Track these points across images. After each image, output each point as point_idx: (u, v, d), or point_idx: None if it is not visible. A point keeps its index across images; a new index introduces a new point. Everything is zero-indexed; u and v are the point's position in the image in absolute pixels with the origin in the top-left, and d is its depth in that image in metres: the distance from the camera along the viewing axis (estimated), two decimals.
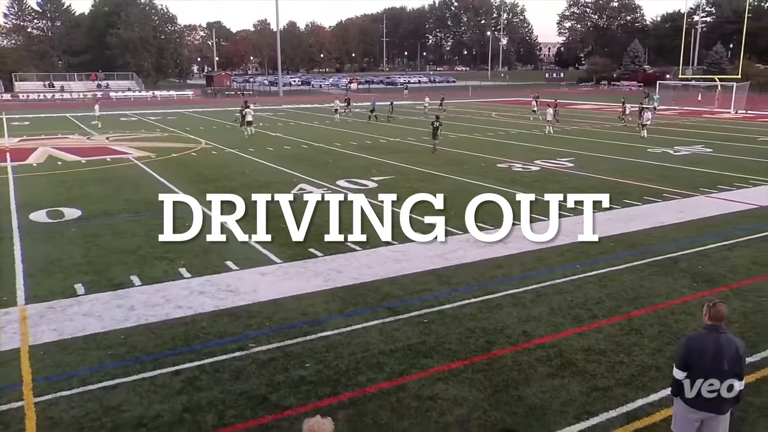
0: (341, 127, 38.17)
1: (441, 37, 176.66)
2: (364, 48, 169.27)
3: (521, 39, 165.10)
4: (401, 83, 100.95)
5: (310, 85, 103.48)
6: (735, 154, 25.86)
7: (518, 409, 6.73)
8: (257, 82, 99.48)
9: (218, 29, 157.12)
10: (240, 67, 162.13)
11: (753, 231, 13.73)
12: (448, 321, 9.03)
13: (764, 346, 8.16)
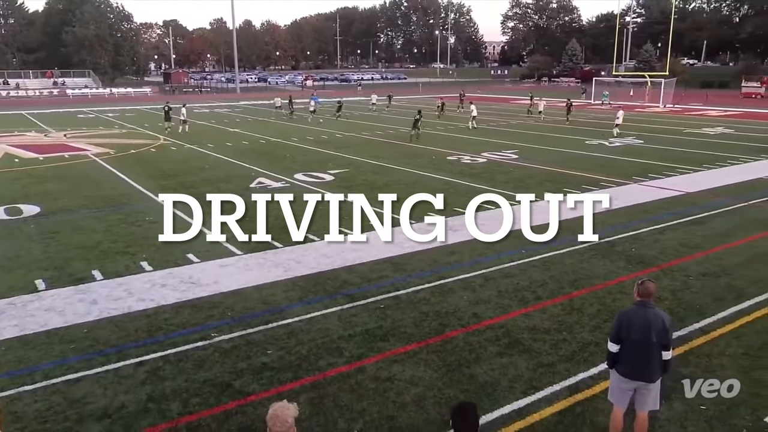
0: (298, 123, 37.80)
1: (392, 35, 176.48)
2: (318, 46, 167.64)
3: (468, 38, 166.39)
4: (355, 80, 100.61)
5: (267, 83, 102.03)
6: (664, 145, 26.76)
7: (470, 387, 6.85)
8: (215, 80, 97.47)
9: (175, 27, 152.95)
10: (197, 64, 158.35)
11: (681, 215, 14.27)
12: (403, 306, 9.09)
13: (691, 321, 8.52)
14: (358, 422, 6.21)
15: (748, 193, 16.70)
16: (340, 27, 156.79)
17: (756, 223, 13.63)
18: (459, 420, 3.68)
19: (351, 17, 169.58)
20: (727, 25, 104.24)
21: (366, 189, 17.30)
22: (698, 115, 42.92)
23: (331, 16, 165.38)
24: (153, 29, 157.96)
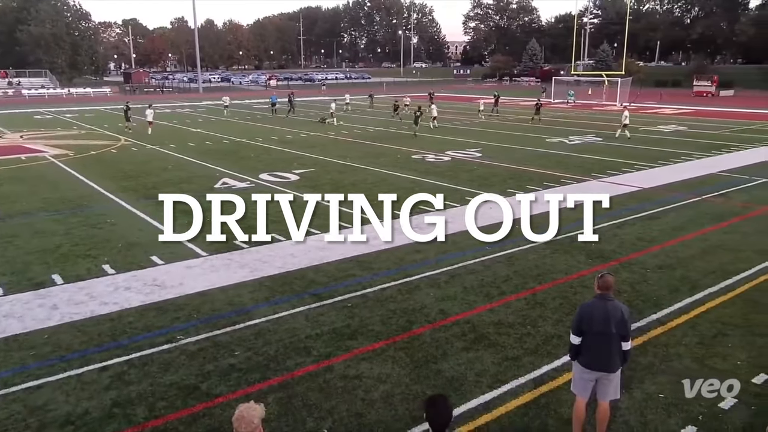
0: (262, 123, 37.42)
1: (356, 35, 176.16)
2: (281, 46, 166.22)
3: (430, 38, 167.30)
4: (319, 80, 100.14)
5: (230, 82, 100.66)
6: (621, 142, 27.41)
7: (437, 382, 6.90)
8: (176, 79, 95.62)
9: (134, 26, 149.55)
10: (158, 64, 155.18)
11: (638, 210, 14.64)
12: (370, 304, 9.10)
13: (649, 312, 8.75)
14: (326, 421, 6.19)
15: (700, 188, 17.24)
16: (304, 27, 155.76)
17: (708, 217, 14.08)
18: (431, 412, 3.72)
19: (314, 17, 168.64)
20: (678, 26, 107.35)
21: (331, 188, 17.26)
22: (653, 113, 44.07)
23: (294, 16, 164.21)
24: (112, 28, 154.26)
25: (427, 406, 3.79)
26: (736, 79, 70.55)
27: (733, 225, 13.41)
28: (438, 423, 3.73)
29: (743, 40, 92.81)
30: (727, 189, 17.10)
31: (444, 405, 3.80)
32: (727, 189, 17.11)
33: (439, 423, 3.73)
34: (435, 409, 3.76)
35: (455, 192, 16.61)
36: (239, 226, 13.53)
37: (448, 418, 3.76)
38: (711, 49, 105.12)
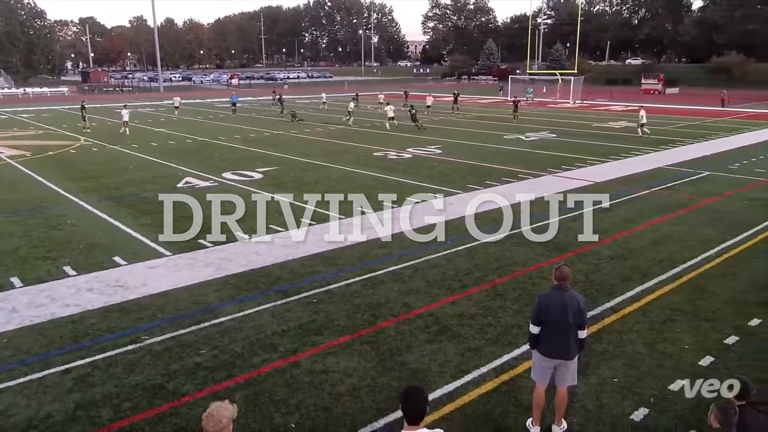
0: (225, 122, 36.84)
1: (317, 34, 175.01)
2: (243, 45, 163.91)
3: (390, 37, 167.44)
4: (281, 79, 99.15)
5: (191, 81, 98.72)
6: (574, 138, 28.00)
7: (403, 374, 6.94)
8: (136, 79, 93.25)
9: (92, 25, 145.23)
10: (117, 63, 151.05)
11: (591, 204, 14.96)
12: (336, 299, 9.07)
13: (603, 301, 8.98)
14: (294, 416, 6.15)
15: (649, 181, 17.75)
16: (265, 26, 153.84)
17: (657, 209, 14.51)
18: (407, 403, 3.75)
19: (275, 16, 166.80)
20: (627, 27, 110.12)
21: (295, 186, 17.13)
22: (604, 110, 45.13)
23: (255, 15, 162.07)
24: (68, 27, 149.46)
25: (403, 398, 3.81)
26: (681, 78, 72.81)
27: (680, 216, 13.85)
28: (414, 414, 3.76)
29: (687, 40, 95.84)
30: (673, 182, 17.65)
31: (420, 396, 3.83)
32: (674, 182, 17.66)
33: (414, 414, 3.76)
34: (411, 400, 3.79)
35: (416, 188, 16.69)
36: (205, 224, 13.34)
37: (424, 410, 3.79)
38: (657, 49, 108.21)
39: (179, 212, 14.19)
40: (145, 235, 12.33)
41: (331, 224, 13.21)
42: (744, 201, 15.26)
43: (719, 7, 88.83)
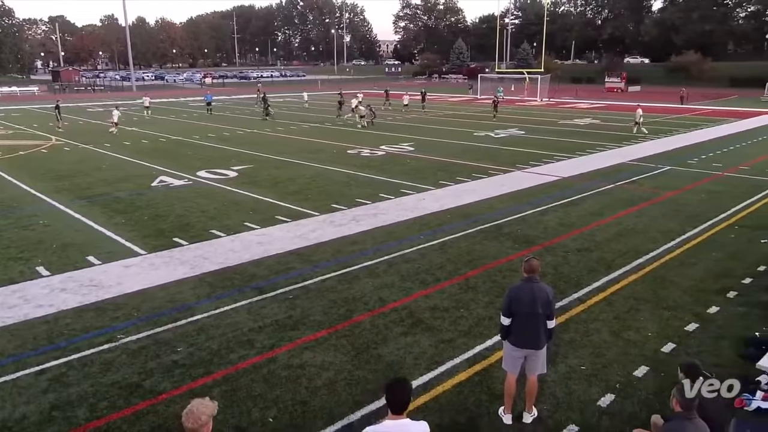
0: (199, 120, 36.32)
1: (289, 34, 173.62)
2: (216, 44, 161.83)
3: (362, 37, 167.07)
4: (254, 77, 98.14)
5: (164, 80, 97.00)
6: (542, 135, 28.34)
7: (378, 366, 6.95)
8: (108, 78, 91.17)
9: (62, 24, 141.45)
10: (88, 62, 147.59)
11: (558, 198, 15.20)
12: (311, 295, 9.03)
13: (571, 292, 9.12)
14: (272, 410, 6.12)
15: (614, 175, 18.08)
16: (238, 25, 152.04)
17: (621, 202, 14.79)
18: (391, 394, 3.85)
19: (248, 15, 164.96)
20: (591, 27, 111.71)
21: (270, 184, 17.00)
22: (570, 107, 45.77)
23: (228, 14, 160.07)
24: (38, 26, 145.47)
25: (387, 388, 3.86)
26: (642, 76, 74.21)
27: (643, 209, 14.14)
28: (397, 404, 3.83)
29: (647, 39, 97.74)
30: (637, 176, 18.01)
31: (404, 387, 3.92)
32: (637, 176, 18.02)
33: (398, 404, 3.83)
34: (395, 391, 3.86)
35: (389, 185, 16.72)
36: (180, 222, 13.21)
37: (407, 400, 3.88)
38: (620, 48, 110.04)
39: (154, 210, 13.98)
40: (119, 235, 12.10)
41: (306, 221, 13.16)
42: (702, 194, 15.66)
43: (677, 8, 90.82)
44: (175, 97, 58.37)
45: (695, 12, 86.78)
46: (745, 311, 8.46)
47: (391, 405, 3.85)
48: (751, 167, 19.47)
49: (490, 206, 14.48)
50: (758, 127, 31.51)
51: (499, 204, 14.72)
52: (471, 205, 14.57)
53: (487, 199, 15.18)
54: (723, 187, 16.46)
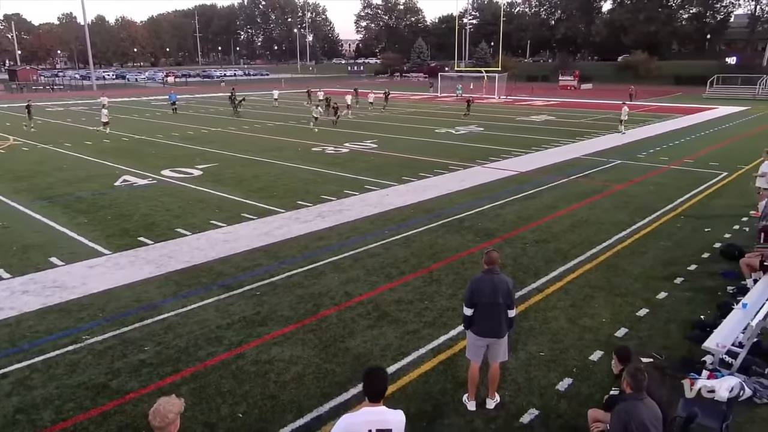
0: (162, 120, 35.48)
1: (252, 33, 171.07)
2: (178, 43, 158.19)
3: (325, 36, 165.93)
4: (217, 76, 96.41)
5: (126, 79, 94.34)
6: (500, 131, 28.73)
7: (346, 359, 6.95)
8: (68, 77, 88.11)
9: (18, 22, 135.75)
10: (47, 61, 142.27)
11: (516, 192, 15.45)
12: (279, 291, 8.96)
13: (530, 282, 9.30)
14: (241, 405, 6.05)
15: (568, 170, 18.48)
16: (200, 24, 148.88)
17: (575, 195, 15.13)
18: (368, 382, 3.88)
19: (210, 14, 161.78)
20: (545, 27, 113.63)
21: (235, 182, 16.75)
22: (527, 105, 46.51)
23: (190, 13, 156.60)
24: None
25: (365, 377, 3.90)
26: (593, 74, 75.91)
27: (596, 201, 14.50)
28: (374, 392, 3.85)
29: (598, 40, 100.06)
30: (589, 170, 18.45)
31: (381, 376, 3.95)
32: (590, 170, 18.46)
33: (375, 391, 3.85)
34: (372, 379, 3.89)
35: (354, 181, 16.70)
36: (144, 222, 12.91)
37: (384, 388, 3.90)
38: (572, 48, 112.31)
39: (118, 210, 13.61)
40: (82, 235, 11.74)
41: (272, 218, 13.03)
42: (650, 186, 16.15)
43: (625, 10, 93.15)
44: (137, 96, 56.84)
45: (642, 13, 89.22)
46: (691, 296, 8.79)
47: (368, 393, 3.86)
48: (695, 160, 20.18)
49: (451, 201, 14.61)
50: (701, 123, 32.67)
51: (460, 198, 14.87)
52: (433, 200, 14.67)
53: (448, 194, 15.31)
54: (669, 180, 17.02)
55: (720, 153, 21.80)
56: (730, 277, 9.42)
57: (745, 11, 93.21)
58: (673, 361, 6.89)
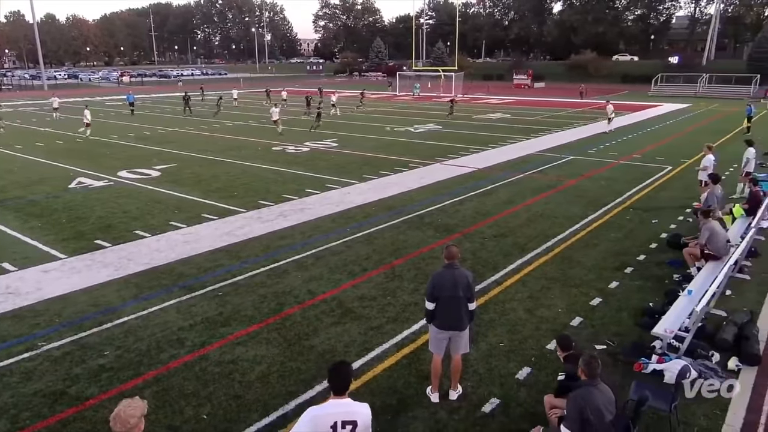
0: (116, 120, 34.38)
1: (209, 32, 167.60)
2: (132, 41, 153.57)
3: (283, 35, 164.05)
4: (174, 76, 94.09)
5: (79, 79, 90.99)
6: (458, 129, 29.04)
7: (311, 357, 6.91)
8: (17, 77, 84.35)
9: None
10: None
11: (474, 188, 15.66)
12: (241, 291, 8.83)
13: (489, 275, 9.44)
14: (205, 407, 5.94)
15: (523, 166, 18.83)
16: (155, 23, 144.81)
17: (530, 190, 15.44)
18: (332, 375, 3.90)
19: (165, 13, 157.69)
20: (499, 28, 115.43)
21: (194, 182, 16.41)
22: (483, 103, 47.14)
23: (144, 12, 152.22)
24: None
25: (330, 371, 3.90)
26: (546, 73, 77.55)
27: (550, 196, 14.84)
28: (340, 385, 3.86)
29: (549, 40, 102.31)
30: (543, 166, 18.85)
31: (345, 370, 3.97)
32: (544, 166, 18.86)
33: (340, 385, 3.86)
34: (337, 373, 3.89)
35: (315, 180, 16.59)
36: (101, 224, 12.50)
37: (349, 381, 3.92)
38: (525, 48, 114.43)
39: (73, 213, 13.13)
40: (35, 239, 11.29)
41: (233, 218, 12.82)
42: (601, 181, 16.63)
43: (575, 11, 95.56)
44: (91, 96, 54.89)
45: (590, 14, 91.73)
46: (641, 285, 9.10)
47: (334, 387, 3.88)
48: (642, 155, 20.88)
49: (411, 198, 14.69)
50: (647, 119, 33.81)
51: (420, 195, 14.97)
52: (394, 198, 14.72)
53: (408, 191, 15.40)
54: (619, 174, 17.56)
55: (665, 148, 22.62)
56: (676, 265, 9.80)
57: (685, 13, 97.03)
58: (625, 346, 7.12)
